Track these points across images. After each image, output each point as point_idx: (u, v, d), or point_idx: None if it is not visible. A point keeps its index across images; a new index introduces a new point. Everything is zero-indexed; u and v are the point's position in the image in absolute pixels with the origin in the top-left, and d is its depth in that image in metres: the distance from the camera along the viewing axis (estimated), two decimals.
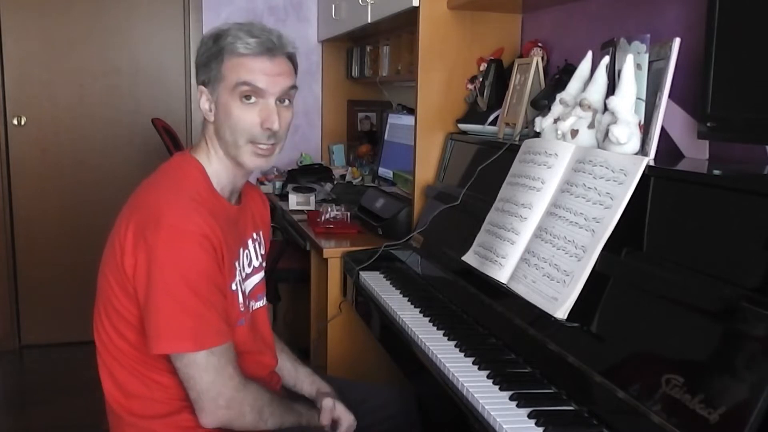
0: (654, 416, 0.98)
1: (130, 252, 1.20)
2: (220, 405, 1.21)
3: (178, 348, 1.19)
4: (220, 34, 1.28)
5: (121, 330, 1.26)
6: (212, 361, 1.19)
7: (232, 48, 1.26)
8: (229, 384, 1.21)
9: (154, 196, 1.24)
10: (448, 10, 2.12)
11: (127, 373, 1.28)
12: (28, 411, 2.97)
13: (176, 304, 1.17)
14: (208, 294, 1.20)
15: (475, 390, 1.22)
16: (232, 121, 1.27)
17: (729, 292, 0.97)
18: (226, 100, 1.27)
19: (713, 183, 1.14)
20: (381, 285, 1.87)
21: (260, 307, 1.44)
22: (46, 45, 3.43)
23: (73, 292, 3.46)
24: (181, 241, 1.17)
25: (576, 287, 1.26)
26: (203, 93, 1.30)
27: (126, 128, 3.58)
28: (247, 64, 1.26)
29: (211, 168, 1.31)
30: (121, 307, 1.24)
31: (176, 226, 1.18)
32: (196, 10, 3.54)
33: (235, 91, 1.26)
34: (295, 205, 2.76)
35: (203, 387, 1.20)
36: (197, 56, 1.31)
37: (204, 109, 1.30)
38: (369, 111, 3.69)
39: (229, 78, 1.26)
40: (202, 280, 1.19)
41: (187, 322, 1.18)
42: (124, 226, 1.22)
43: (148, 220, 1.19)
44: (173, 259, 1.17)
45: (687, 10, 1.52)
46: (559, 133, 1.48)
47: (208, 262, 1.20)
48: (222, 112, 1.28)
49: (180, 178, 1.29)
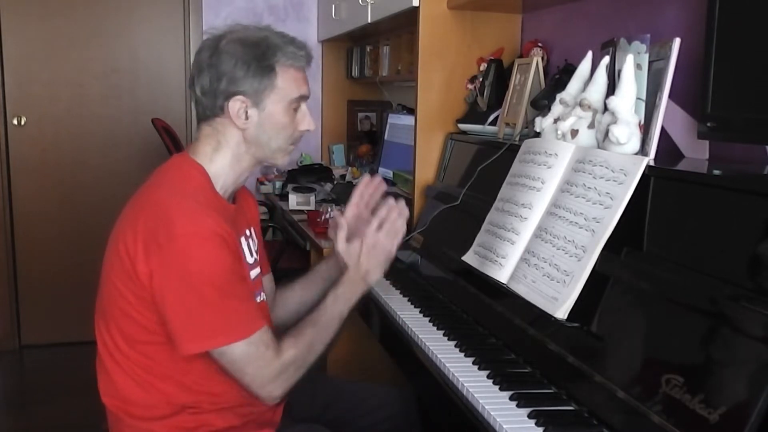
0: (654, 416, 0.98)
1: (142, 260, 1.20)
2: (272, 387, 1.26)
3: (210, 345, 1.21)
4: (267, 45, 1.28)
5: (130, 336, 1.26)
6: (251, 351, 1.22)
7: (286, 62, 1.29)
8: (269, 369, 1.24)
9: (159, 201, 1.24)
10: (448, 10, 2.12)
11: (127, 377, 1.28)
12: (28, 411, 2.97)
13: (206, 306, 1.19)
14: (234, 289, 1.23)
15: (475, 390, 1.22)
16: (280, 129, 1.33)
17: (729, 292, 0.97)
18: (277, 110, 1.31)
19: (713, 183, 1.14)
20: (381, 285, 1.87)
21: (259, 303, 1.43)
22: (46, 45, 3.43)
23: (73, 292, 3.45)
24: (199, 246, 1.19)
25: (576, 287, 1.26)
26: (241, 102, 1.28)
27: (126, 128, 3.58)
28: (300, 77, 1.33)
29: (213, 170, 1.32)
30: (135, 312, 1.24)
31: (191, 232, 1.19)
32: (196, 10, 3.54)
33: (291, 104, 1.32)
34: (295, 205, 2.77)
35: (248, 379, 1.24)
36: (229, 66, 1.27)
37: (238, 119, 1.29)
38: (369, 111, 3.69)
39: (285, 91, 1.30)
40: (226, 278, 1.21)
41: (218, 320, 1.20)
42: (131, 232, 1.22)
43: (158, 227, 1.19)
44: (195, 264, 1.18)
45: (687, 10, 1.52)
46: (559, 133, 1.48)
47: (229, 259, 1.22)
48: (268, 120, 1.31)
49: (184, 181, 1.29)
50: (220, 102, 1.29)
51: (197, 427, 1.29)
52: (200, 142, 1.33)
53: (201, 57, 1.30)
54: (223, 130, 1.31)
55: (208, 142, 1.33)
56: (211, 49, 1.29)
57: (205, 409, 1.29)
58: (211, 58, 1.28)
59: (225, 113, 1.29)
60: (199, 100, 1.31)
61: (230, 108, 1.28)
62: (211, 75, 1.28)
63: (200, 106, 1.32)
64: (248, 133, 1.31)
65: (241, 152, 1.33)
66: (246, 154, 1.34)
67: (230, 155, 1.32)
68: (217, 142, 1.32)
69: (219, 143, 1.32)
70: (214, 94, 1.28)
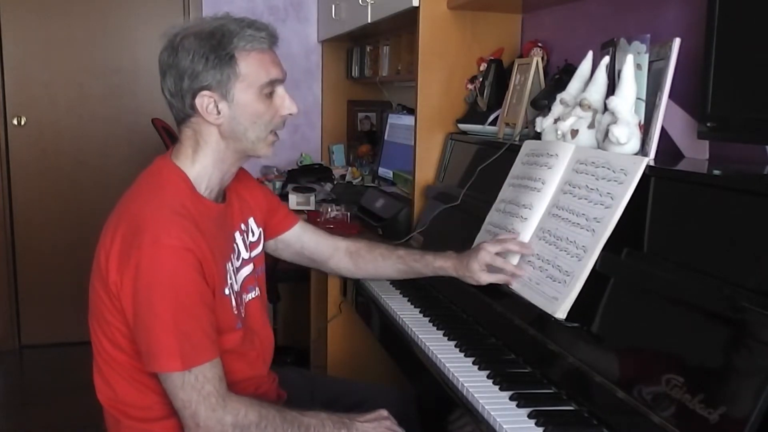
0: (654, 416, 0.98)
1: (114, 268, 1.18)
2: (196, 423, 1.17)
3: (167, 368, 1.17)
4: (222, 33, 1.23)
5: (114, 339, 1.25)
6: (189, 380, 1.16)
7: (245, 46, 1.24)
8: (204, 403, 1.17)
9: (136, 209, 1.22)
10: (448, 10, 2.12)
11: (121, 379, 1.27)
12: (28, 411, 2.97)
13: (163, 323, 1.16)
14: (193, 310, 1.18)
15: (475, 390, 1.22)
16: (255, 118, 1.27)
17: (729, 292, 0.97)
18: (247, 99, 1.26)
19: (713, 183, 1.14)
20: (381, 285, 1.87)
21: (252, 298, 1.41)
22: (46, 45, 3.43)
23: (73, 292, 3.46)
24: (164, 257, 1.16)
25: (576, 287, 1.26)
26: (208, 98, 1.24)
27: (126, 128, 3.58)
28: (265, 60, 1.26)
29: (195, 172, 1.29)
30: (112, 318, 1.23)
31: (157, 242, 1.16)
32: (196, 11, 3.54)
33: (262, 89, 1.26)
34: (295, 205, 2.76)
35: (179, 405, 1.18)
36: (187, 62, 1.22)
37: (210, 115, 1.25)
38: (369, 111, 3.69)
39: (251, 77, 1.25)
40: (185, 295, 1.17)
41: (172, 341, 1.16)
42: (110, 238, 1.21)
43: (133, 235, 1.18)
44: (157, 276, 1.16)
45: (687, 10, 1.52)
46: (559, 133, 1.48)
47: (192, 277, 1.18)
48: (241, 111, 1.26)
49: (160, 187, 1.26)
50: (189, 101, 1.25)
51: None
52: (182, 144, 1.31)
53: (161, 59, 1.26)
54: (199, 130, 1.28)
55: (189, 144, 1.30)
56: (169, 49, 1.25)
57: None
58: (169, 57, 1.24)
59: (196, 112, 1.25)
60: (170, 103, 1.28)
61: (198, 105, 1.24)
62: (173, 75, 1.24)
63: (173, 109, 1.29)
64: (223, 128, 1.27)
65: (221, 149, 1.29)
66: (227, 150, 1.30)
67: (211, 154, 1.29)
68: (196, 143, 1.29)
69: (198, 144, 1.29)
70: (181, 94, 1.24)
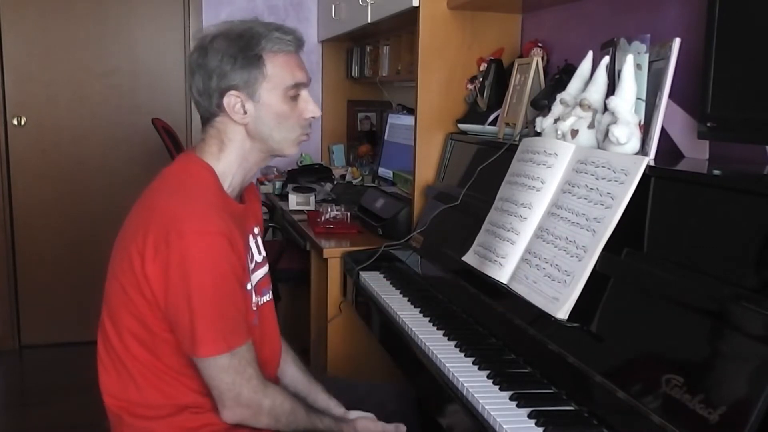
0: (654, 416, 0.98)
1: (151, 259, 1.20)
2: (240, 403, 1.24)
3: (215, 351, 1.20)
4: (250, 35, 1.27)
5: (138, 336, 1.26)
6: (233, 363, 1.22)
7: (273, 48, 1.27)
8: (248, 385, 1.24)
9: (169, 203, 1.24)
10: (448, 10, 2.12)
11: (130, 377, 1.28)
12: (28, 411, 2.97)
13: (207, 309, 1.19)
14: (233, 294, 1.23)
15: (475, 390, 1.22)
16: (280, 119, 1.30)
17: (729, 292, 0.97)
18: (272, 100, 1.29)
19: (713, 183, 1.14)
20: (381, 285, 1.87)
21: (266, 301, 1.44)
22: (46, 45, 3.43)
23: (73, 292, 3.46)
24: (208, 245, 1.19)
25: (577, 288, 1.26)
26: (235, 97, 1.28)
27: (126, 128, 3.58)
28: (291, 63, 1.30)
29: (220, 168, 1.31)
30: (142, 314, 1.24)
31: (200, 231, 1.19)
32: (196, 10, 3.54)
33: (287, 92, 1.29)
34: (295, 205, 2.76)
35: (224, 388, 1.23)
36: (216, 62, 1.26)
37: (236, 114, 1.29)
38: (369, 111, 3.69)
39: (277, 79, 1.28)
40: (228, 280, 1.22)
41: (218, 325, 1.21)
42: (142, 234, 1.22)
43: (169, 228, 1.19)
44: (202, 263, 1.19)
45: (687, 10, 1.52)
46: (559, 133, 1.48)
47: (231, 260, 1.22)
48: (266, 111, 1.29)
49: (193, 182, 1.29)
50: (216, 100, 1.29)
51: (199, 426, 1.28)
52: (206, 142, 1.33)
53: (191, 59, 1.31)
54: (225, 129, 1.31)
55: (214, 142, 1.32)
56: (199, 50, 1.29)
57: (208, 408, 1.28)
58: (199, 58, 1.28)
59: (223, 111, 1.29)
60: (198, 102, 1.32)
61: (226, 104, 1.28)
62: (202, 75, 1.28)
63: (200, 107, 1.32)
64: (250, 127, 1.31)
65: (246, 148, 1.32)
66: (252, 150, 1.33)
67: (236, 152, 1.32)
68: (221, 142, 1.32)
69: (223, 142, 1.32)
70: (209, 93, 1.28)
